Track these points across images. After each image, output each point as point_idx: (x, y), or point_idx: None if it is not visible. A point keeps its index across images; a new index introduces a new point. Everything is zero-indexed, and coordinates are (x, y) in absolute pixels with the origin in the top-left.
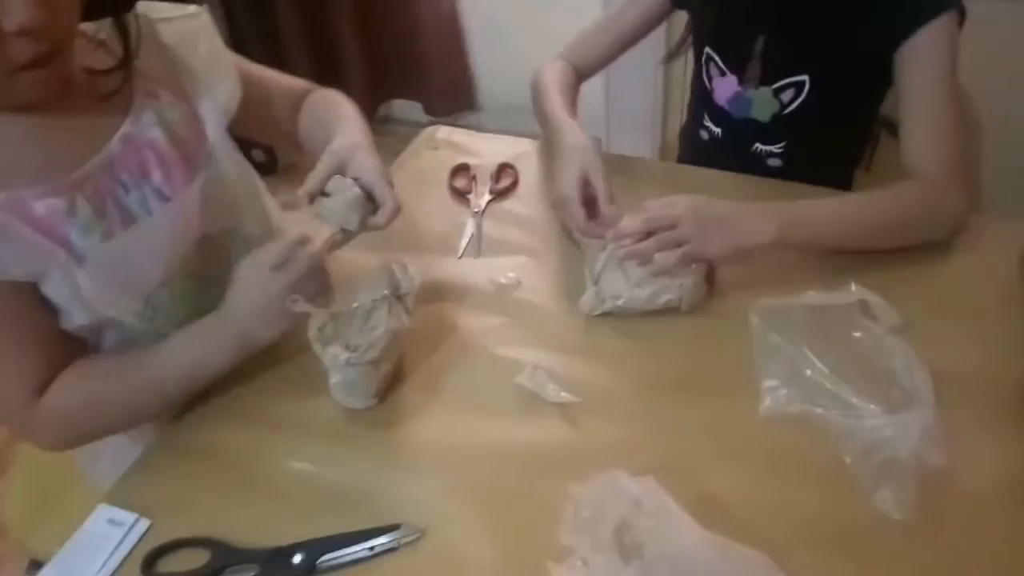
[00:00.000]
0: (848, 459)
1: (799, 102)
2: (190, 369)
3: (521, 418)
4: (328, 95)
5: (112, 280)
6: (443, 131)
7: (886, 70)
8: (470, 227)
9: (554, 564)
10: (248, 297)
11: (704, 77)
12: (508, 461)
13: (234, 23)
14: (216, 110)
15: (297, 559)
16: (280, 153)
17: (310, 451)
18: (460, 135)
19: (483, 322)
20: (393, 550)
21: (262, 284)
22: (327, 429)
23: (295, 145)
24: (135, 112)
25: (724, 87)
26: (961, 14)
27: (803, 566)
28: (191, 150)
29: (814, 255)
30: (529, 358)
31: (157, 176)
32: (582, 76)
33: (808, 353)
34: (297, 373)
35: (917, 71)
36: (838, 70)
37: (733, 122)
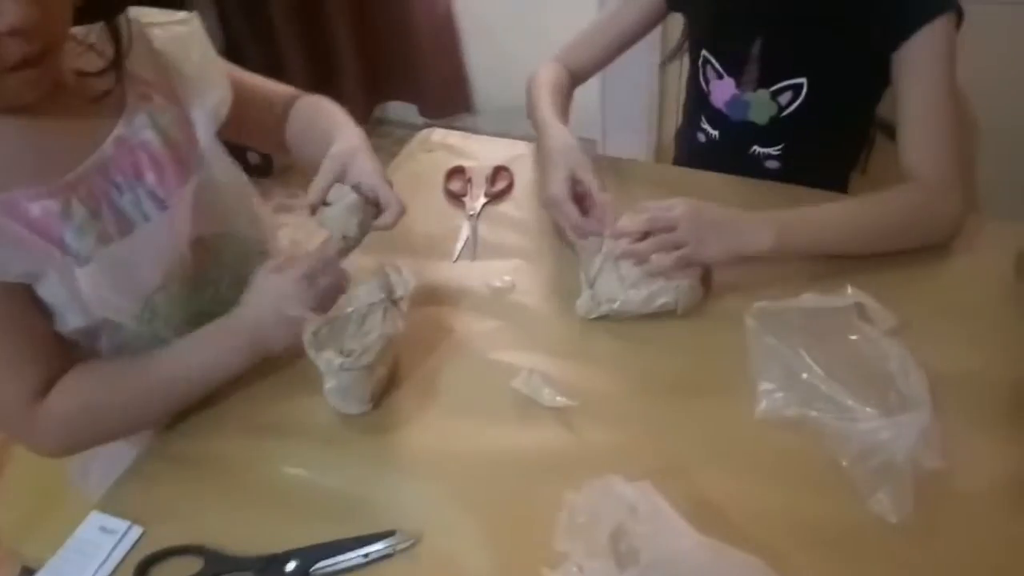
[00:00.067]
0: (844, 462)
1: (797, 104)
2: (201, 373)
3: (517, 423)
4: (316, 100)
5: (113, 283)
6: (438, 134)
7: (884, 72)
8: (465, 230)
9: (549, 571)
10: (268, 304)
11: (701, 80)
12: (504, 466)
13: (228, 26)
14: (206, 115)
15: (291, 566)
16: (275, 156)
17: (304, 457)
18: (455, 138)
19: (478, 326)
20: (388, 557)
21: (286, 293)
22: (321, 434)
23: (284, 151)
24: (128, 114)
25: (721, 90)
26: (959, 16)
27: (799, 570)
28: (184, 152)
29: (810, 258)
30: (524, 362)
31: (151, 178)
32: (578, 79)
33: (804, 356)
34: (290, 378)
35: (915, 73)
36: (836, 72)
37: (730, 125)
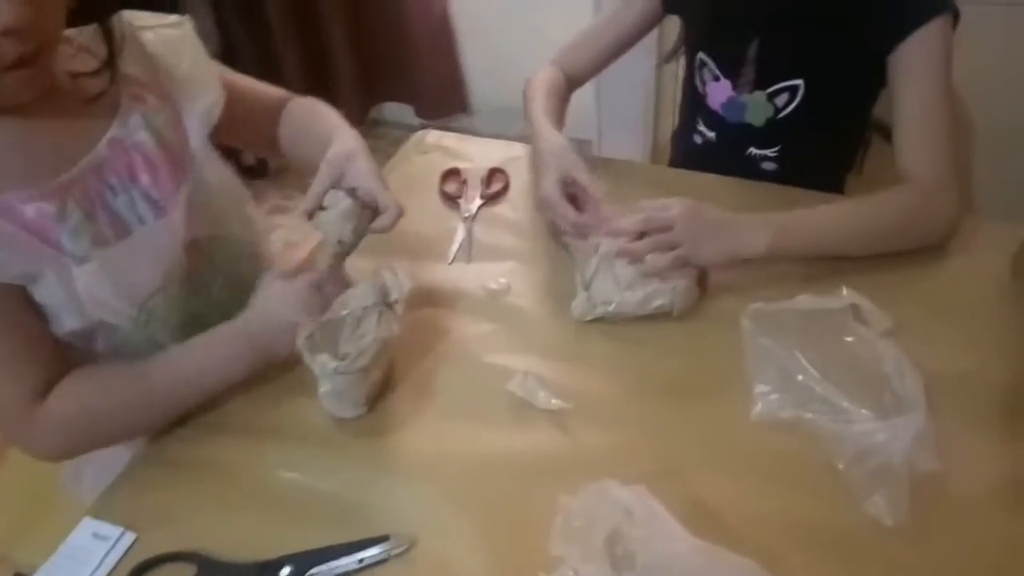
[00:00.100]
0: (840, 465)
1: (793, 106)
2: (203, 378)
3: (512, 425)
4: (309, 102)
5: (111, 286)
6: (433, 135)
7: (880, 73)
8: (461, 232)
9: (545, 575)
10: (275, 311)
11: (697, 81)
12: (499, 469)
13: (225, 28)
14: (199, 117)
15: (285, 572)
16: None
17: (298, 461)
18: (451, 139)
19: (473, 328)
20: (383, 562)
21: (293, 300)
22: (315, 438)
23: (276, 153)
24: (122, 116)
25: (718, 92)
26: (955, 17)
27: (795, 573)
28: (178, 153)
29: (806, 258)
30: (520, 364)
31: (145, 179)
32: (575, 82)
33: (800, 357)
34: (285, 382)
35: (911, 74)
36: (832, 74)
37: (727, 126)
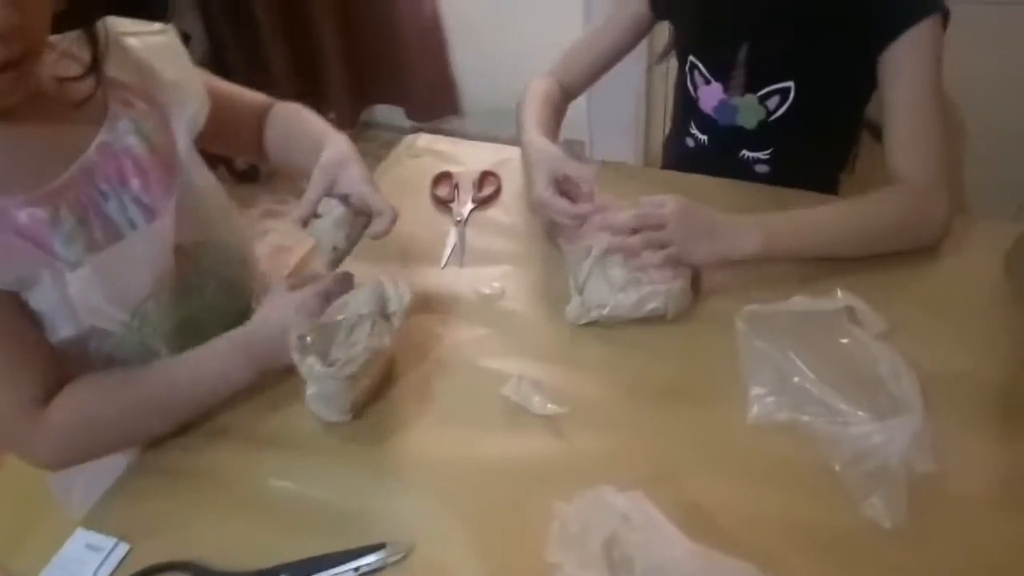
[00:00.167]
0: (837, 467)
1: (785, 108)
2: (202, 387)
3: (507, 431)
4: (294, 107)
5: (104, 291)
6: (425, 139)
7: (871, 74)
8: (453, 236)
9: None
10: (281, 320)
11: (689, 85)
12: (495, 475)
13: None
14: (184, 122)
15: None
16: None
17: (292, 468)
18: (442, 143)
19: (467, 333)
20: (379, 570)
21: (301, 311)
22: (309, 445)
23: (260, 158)
24: (110, 120)
25: (709, 95)
26: (945, 16)
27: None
28: (167, 158)
29: (800, 259)
30: (514, 369)
31: (135, 184)
32: (571, 93)
33: (795, 359)
34: (278, 389)
35: (901, 75)
36: (823, 76)
37: (719, 129)
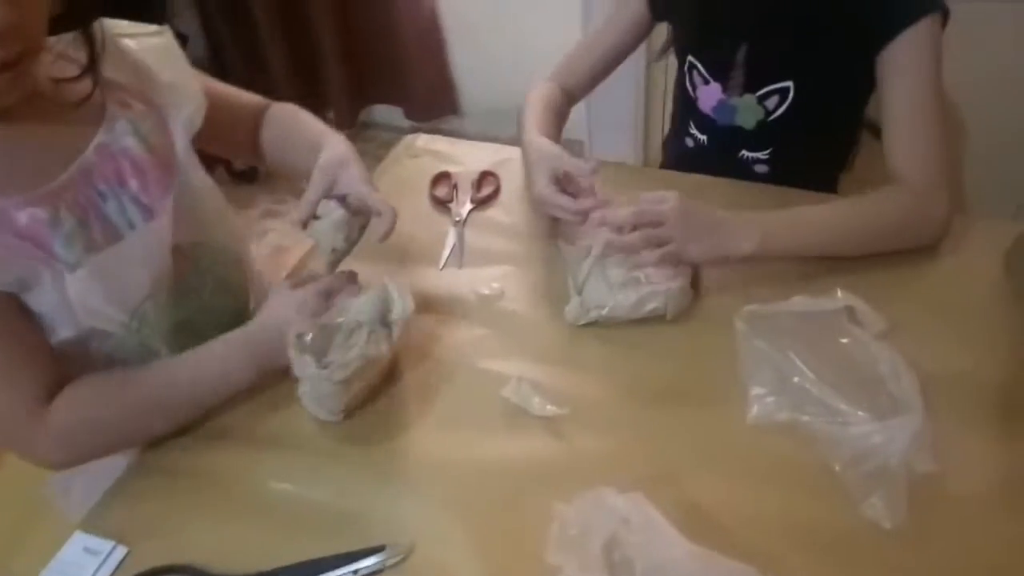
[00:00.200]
0: (837, 467)
1: (784, 108)
2: (204, 387)
3: (507, 432)
4: (291, 108)
5: (103, 292)
6: (423, 139)
7: (870, 74)
8: (452, 237)
9: None
10: (282, 320)
11: (688, 85)
12: (495, 477)
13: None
14: (181, 123)
15: None
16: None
17: (292, 470)
18: (441, 143)
19: (467, 334)
20: (379, 572)
21: (302, 309)
22: (309, 447)
23: (256, 159)
24: (108, 121)
25: (708, 95)
26: (944, 15)
27: None
28: (165, 158)
29: (799, 258)
30: (514, 370)
31: (134, 184)
32: (573, 96)
33: (795, 359)
34: (277, 390)
35: (900, 75)
36: (822, 76)
37: (718, 129)
